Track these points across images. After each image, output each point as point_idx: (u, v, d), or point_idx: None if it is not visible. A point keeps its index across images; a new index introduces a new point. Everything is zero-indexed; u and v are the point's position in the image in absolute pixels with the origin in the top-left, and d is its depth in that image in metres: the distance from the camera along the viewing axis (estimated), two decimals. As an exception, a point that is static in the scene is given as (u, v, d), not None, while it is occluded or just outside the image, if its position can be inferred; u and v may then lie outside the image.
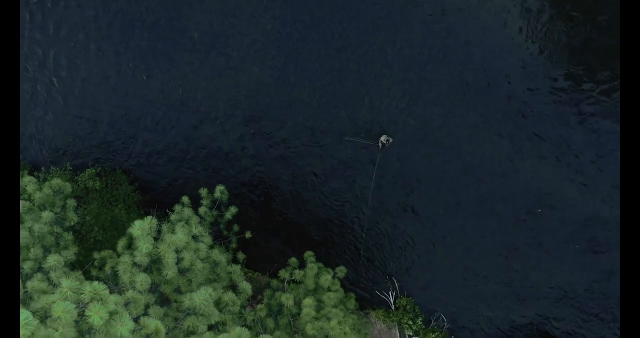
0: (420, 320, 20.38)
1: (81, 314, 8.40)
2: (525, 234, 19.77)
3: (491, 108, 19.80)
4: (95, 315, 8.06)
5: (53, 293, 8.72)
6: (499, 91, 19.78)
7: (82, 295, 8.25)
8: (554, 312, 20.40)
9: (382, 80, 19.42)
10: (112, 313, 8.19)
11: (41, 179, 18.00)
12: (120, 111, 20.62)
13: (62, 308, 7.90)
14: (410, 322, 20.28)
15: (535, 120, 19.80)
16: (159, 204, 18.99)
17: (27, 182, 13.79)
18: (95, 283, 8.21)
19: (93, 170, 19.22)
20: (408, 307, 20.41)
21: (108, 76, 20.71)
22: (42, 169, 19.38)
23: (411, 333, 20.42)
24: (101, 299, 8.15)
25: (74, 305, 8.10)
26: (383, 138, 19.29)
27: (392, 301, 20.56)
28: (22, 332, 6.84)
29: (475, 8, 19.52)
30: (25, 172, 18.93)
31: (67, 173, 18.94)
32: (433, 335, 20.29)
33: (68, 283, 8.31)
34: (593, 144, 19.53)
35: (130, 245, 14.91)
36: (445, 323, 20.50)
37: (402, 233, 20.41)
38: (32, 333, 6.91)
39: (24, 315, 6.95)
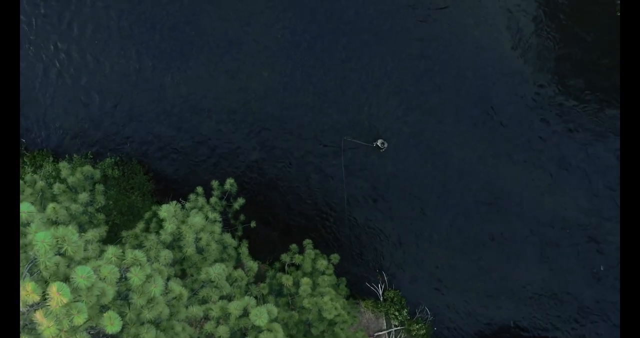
0: (406, 312, 22.44)
1: (120, 278, 10.46)
2: (508, 236, 21.87)
3: (479, 119, 21.90)
4: (135, 277, 10.13)
5: (98, 259, 10.77)
6: (487, 104, 21.90)
7: (124, 261, 10.33)
8: (531, 310, 22.46)
9: (381, 89, 21.52)
10: (148, 276, 10.27)
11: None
12: (138, 107, 22.65)
13: (109, 270, 9.96)
14: (397, 313, 22.34)
15: (519, 132, 21.90)
16: (170, 194, 21.02)
17: (62, 167, 15.88)
18: (136, 251, 10.28)
19: (112, 160, 21.27)
20: (395, 299, 22.46)
21: (128, 73, 22.75)
22: (66, 156, 21.41)
23: (397, 323, 22.49)
24: (140, 264, 10.22)
25: (117, 269, 10.16)
26: (379, 142, 21.39)
27: (380, 293, 22.60)
28: (84, 282, 8.89)
29: (471, 27, 21.62)
30: (50, 158, 20.98)
31: (88, 161, 20.99)
32: (417, 326, 22.33)
33: (113, 250, 10.40)
34: (588, 158, 21.66)
35: (148, 228, 17.03)
36: (429, 316, 22.56)
37: (392, 230, 22.46)
38: (92, 285, 8.96)
39: (86, 270, 8.99)
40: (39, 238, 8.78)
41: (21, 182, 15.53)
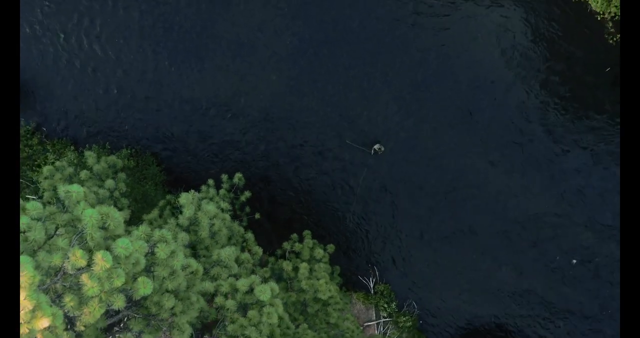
0: (395, 305, 24.47)
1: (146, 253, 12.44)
2: (495, 239, 23.90)
3: (471, 128, 23.93)
4: (162, 252, 12.14)
5: (127, 237, 12.76)
6: (480, 113, 23.92)
7: (152, 238, 12.34)
8: (510, 307, 24.44)
9: (380, 96, 23.57)
10: (172, 252, 12.28)
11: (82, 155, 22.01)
12: (153, 102, 24.65)
13: (139, 245, 11.95)
14: (386, 305, 24.37)
15: (509, 139, 23.93)
16: (183, 185, 23.02)
17: (88, 156, 17.91)
18: (163, 230, 12.29)
19: (128, 151, 23.26)
20: (385, 293, 24.48)
21: (146, 70, 24.75)
22: (86, 145, 23.44)
23: (385, 315, 24.51)
24: (166, 241, 12.22)
25: (146, 244, 12.16)
26: (376, 146, 23.43)
27: (371, 286, 24.62)
28: (123, 252, 10.89)
29: (467, 42, 23.67)
30: (72, 147, 23.00)
31: (106, 151, 22.99)
32: (404, 318, 24.35)
33: (143, 228, 12.41)
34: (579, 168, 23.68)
35: (162, 215, 19.04)
36: (415, 309, 24.58)
37: (385, 229, 24.48)
38: (130, 254, 10.97)
39: (125, 242, 10.98)
40: (88, 214, 10.77)
41: (51, 167, 17.50)
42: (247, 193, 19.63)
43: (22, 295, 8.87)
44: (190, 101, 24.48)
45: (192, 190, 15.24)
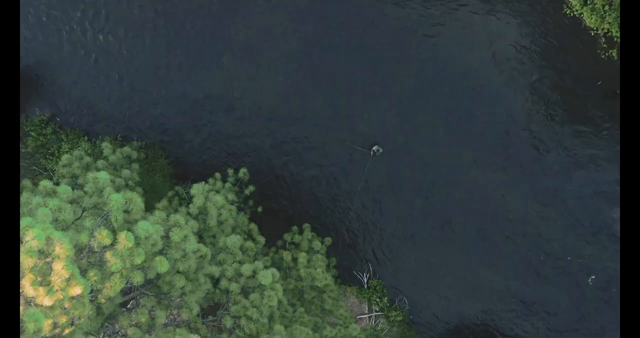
0: (386, 299, 25.95)
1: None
2: (480, 237, 25.38)
3: (465, 134, 25.40)
4: (175, 235, 13.60)
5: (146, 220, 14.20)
6: (474, 120, 25.40)
7: (167, 223, 13.81)
8: (497, 306, 25.89)
9: (380, 101, 25.10)
10: (185, 236, 13.75)
11: (97, 145, 23.47)
12: (163, 98, 26.07)
13: (156, 229, 13.40)
14: (378, 300, 25.84)
15: (503, 145, 25.39)
16: (188, 178, 24.49)
17: (104, 147, 19.40)
18: (178, 215, 13.75)
19: (138, 143, 24.72)
20: (378, 288, 25.94)
21: (158, 67, 26.17)
22: (100, 136, 24.91)
23: (377, 309, 25.98)
24: (180, 225, 13.69)
25: (161, 228, 13.61)
26: (375, 148, 24.93)
27: (365, 281, 26.07)
28: (143, 233, 12.33)
29: (464, 52, 25.16)
30: (86, 138, 24.47)
31: (117, 143, 24.45)
32: (395, 313, 25.80)
33: (159, 214, 13.87)
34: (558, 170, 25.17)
35: (171, 204, 20.48)
36: (406, 305, 26.04)
37: (380, 227, 25.94)
38: (149, 235, 12.43)
39: (146, 224, 12.43)
40: (114, 198, 12.22)
41: (70, 155, 18.93)
42: (252, 187, 21.08)
43: (60, 264, 10.29)
44: (199, 99, 25.91)
45: (202, 182, 16.71)
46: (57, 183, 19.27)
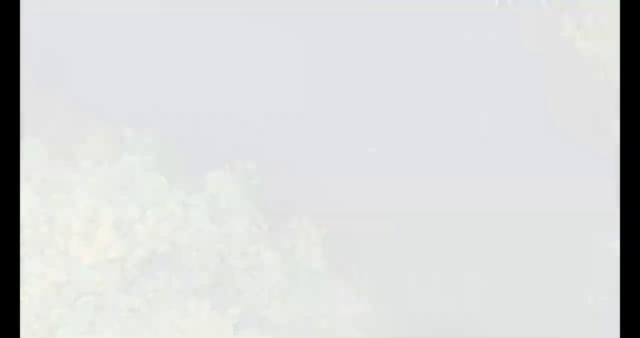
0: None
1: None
2: (468, 237, 26.93)
3: (462, 143, 27.15)
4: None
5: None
6: (473, 134, 27.16)
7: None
8: (482, 304, 27.23)
9: (384, 112, 27.00)
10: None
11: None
12: (173, 98, 27.61)
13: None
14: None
15: (494, 152, 27.10)
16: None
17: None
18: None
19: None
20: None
21: (166, 69, 27.70)
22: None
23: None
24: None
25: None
26: (373, 149, 26.76)
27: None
28: (158, 212, 14.20)
29: (465, 68, 27.11)
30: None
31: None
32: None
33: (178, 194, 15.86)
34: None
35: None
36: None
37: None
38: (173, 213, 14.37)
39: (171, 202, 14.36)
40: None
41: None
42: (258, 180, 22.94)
43: (103, 231, 12.28)
44: (209, 98, 27.54)
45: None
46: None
